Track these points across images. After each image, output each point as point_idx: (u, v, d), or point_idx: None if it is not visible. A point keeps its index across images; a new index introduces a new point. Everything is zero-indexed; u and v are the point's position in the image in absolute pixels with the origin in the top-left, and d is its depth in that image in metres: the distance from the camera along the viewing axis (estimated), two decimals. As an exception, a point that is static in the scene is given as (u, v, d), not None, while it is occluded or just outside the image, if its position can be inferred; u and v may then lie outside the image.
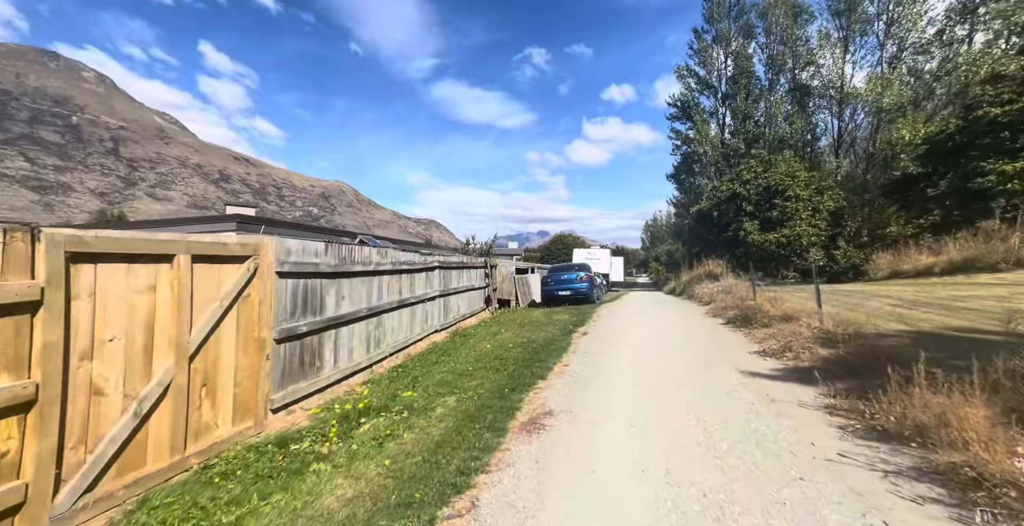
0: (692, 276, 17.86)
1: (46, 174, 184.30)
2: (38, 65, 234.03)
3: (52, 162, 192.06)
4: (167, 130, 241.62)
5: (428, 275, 8.03)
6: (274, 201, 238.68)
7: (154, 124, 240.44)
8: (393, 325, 6.37)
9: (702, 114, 28.01)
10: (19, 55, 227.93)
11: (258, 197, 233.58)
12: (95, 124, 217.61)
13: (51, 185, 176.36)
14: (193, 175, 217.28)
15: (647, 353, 6.09)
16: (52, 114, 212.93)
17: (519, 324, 9.54)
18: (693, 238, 26.55)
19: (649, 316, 10.34)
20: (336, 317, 4.70)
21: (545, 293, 13.73)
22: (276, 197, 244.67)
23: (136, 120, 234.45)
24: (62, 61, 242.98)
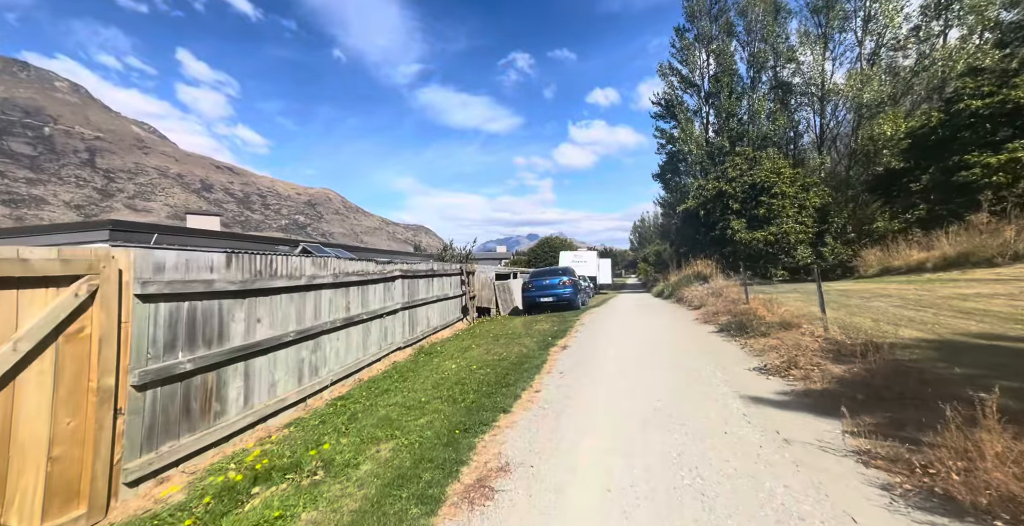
0: (681, 277, 17.21)
1: (17, 187, 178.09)
2: (7, 75, 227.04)
3: (24, 175, 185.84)
4: (146, 140, 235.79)
5: (387, 286, 7.12)
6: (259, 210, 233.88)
7: (132, 134, 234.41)
8: (338, 348, 5.44)
9: (686, 113, 27.62)
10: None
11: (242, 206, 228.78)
12: (69, 135, 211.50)
13: (23, 198, 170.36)
14: (174, 185, 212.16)
15: (631, 373, 5.27)
16: (23, 125, 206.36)
17: (494, 337, 8.65)
18: (681, 238, 26.00)
19: (635, 324, 9.55)
20: (247, 346, 3.78)
21: (526, 300, 12.88)
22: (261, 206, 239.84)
23: (113, 130, 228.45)
24: (32, 71, 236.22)
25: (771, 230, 17.79)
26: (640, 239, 78.63)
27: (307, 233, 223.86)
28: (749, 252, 18.27)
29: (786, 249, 18.11)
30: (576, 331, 8.88)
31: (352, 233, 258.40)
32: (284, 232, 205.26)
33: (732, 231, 18.71)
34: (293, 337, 4.47)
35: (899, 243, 14.49)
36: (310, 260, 4.96)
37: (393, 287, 7.34)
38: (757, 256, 18.28)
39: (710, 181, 21.26)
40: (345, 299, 5.69)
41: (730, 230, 18.89)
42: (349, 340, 5.74)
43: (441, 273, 9.99)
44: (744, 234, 18.05)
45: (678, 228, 29.23)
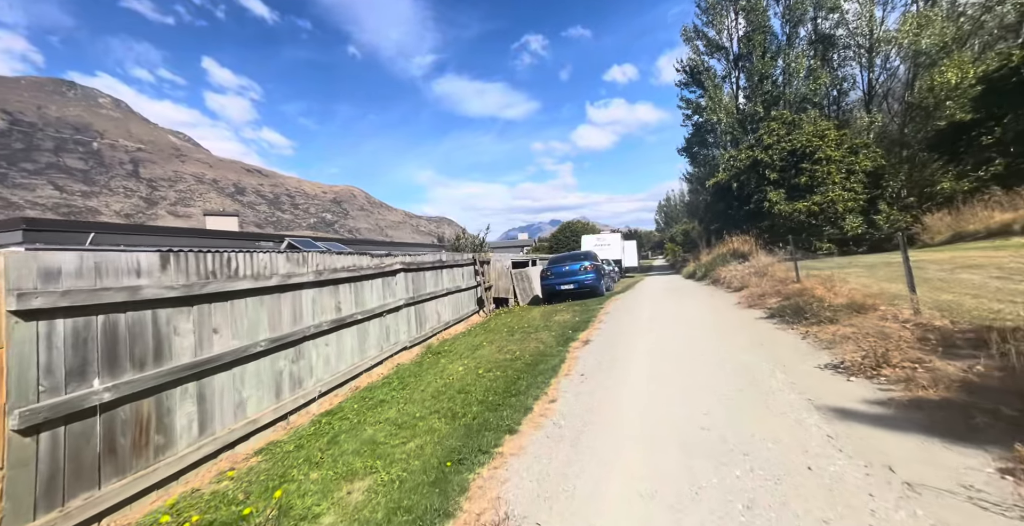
0: (714, 256, 15.79)
1: (74, 200, 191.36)
2: (57, 95, 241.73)
3: (79, 188, 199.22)
4: (181, 148, 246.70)
5: (387, 281, 6.42)
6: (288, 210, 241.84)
7: (169, 143, 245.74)
8: (327, 354, 4.79)
9: (713, 79, 25.41)
10: (39, 87, 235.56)
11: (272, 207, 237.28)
12: (115, 148, 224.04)
13: (80, 210, 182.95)
14: (210, 190, 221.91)
15: (667, 374, 4.35)
16: (74, 142, 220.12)
17: (509, 331, 7.87)
18: (711, 214, 24.26)
19: (667, 311, 8.51)
20: (199, 362, 3.14)
21: (545, 289, 11.99)
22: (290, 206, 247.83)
23: (152, 141, 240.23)
24: (79, 90, 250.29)
25: (814, 200, 16.04)
26: (666, 219, 75.60)
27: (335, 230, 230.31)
28: (789, 225, 16.61)
29: (832, 219, 16.33)
30: (600, 322, 7.95)
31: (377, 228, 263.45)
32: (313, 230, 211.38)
33: (770, 203, 17.05)
34: (265, 347, 3.82)
35: (972, 205, 12.59)
36: (284, 256, 4.28)
37: (394, 282, 6.64)
38: (798, 229, 16.60)
39: (742, 151, 19.46)
40: (334, 299, 5.01)
41: (767, 202, 17.23)
42: (341, 344, 5.08)
43: (451, 264, 9.25)
44: (783, 206, 16.37)
45: (708, 204, 27.41)
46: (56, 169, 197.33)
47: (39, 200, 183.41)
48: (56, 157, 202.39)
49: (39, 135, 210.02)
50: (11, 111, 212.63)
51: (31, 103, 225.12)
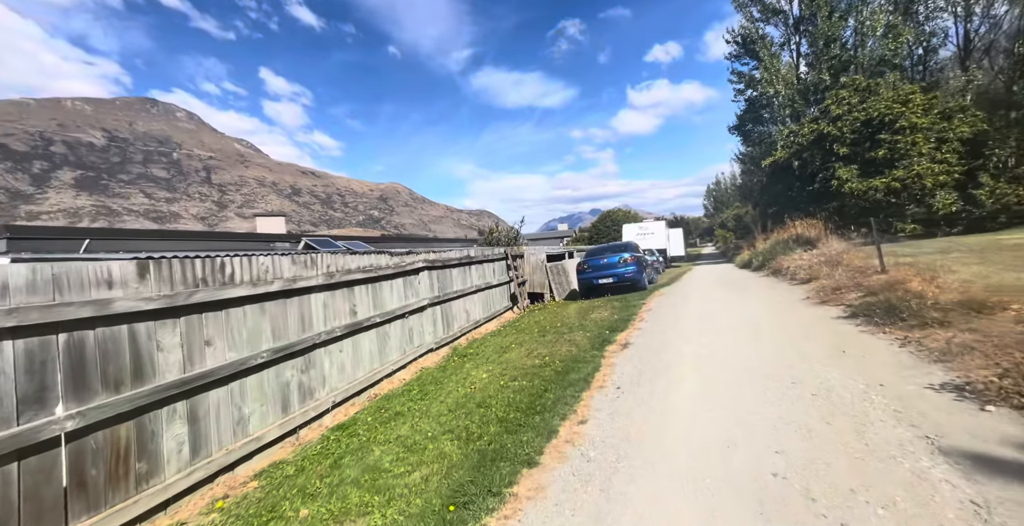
0: (774, 243, 14.13)
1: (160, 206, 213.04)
2: (143, 112, 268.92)
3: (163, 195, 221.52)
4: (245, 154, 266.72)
5: (409, 281, 6.05)
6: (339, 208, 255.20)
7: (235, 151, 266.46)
8: (341, 361, 4.48)
9: (769, 48, 22.84)
10: (129, 106, 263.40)
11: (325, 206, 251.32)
12: (191, 157, 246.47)
13: (165, 215, 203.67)
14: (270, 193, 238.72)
15: (723, 392, 3.59)
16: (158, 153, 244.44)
17: (541, 330, 7.28)
18: (767, 197, 22.07)
19: (720, 308, 7.50)
20: (190, 379, 2.86)
21: (582, 283, 11.23)
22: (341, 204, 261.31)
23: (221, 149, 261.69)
24: (159, 106, 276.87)
25: (895, 175, 13.88)
26: (716, 203, 70.84)
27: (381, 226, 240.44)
28: (863, 205, 14.56)
29: (918, 197, 14.11)
30: (641, 321, 7.15)
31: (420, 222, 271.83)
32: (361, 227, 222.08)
33: (838, 181, 15.03)
34: (268, 357, 3.52)
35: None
36: (289, 259, 3.96)
37: (417, 281, 6.26)
38: (874, 209, 14.50)
39: (805, 125, 17.32)
40: (348, 302, 4.68)
41: (835, 181, 15.21)
42: (358, 350, 4.76)
43: (480, 260, 8.77)
44: (856, 184, 14.33)
45: (763, 186, 25.06)
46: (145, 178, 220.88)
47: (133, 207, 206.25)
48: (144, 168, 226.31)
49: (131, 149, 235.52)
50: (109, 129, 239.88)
51: (124, 120, 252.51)
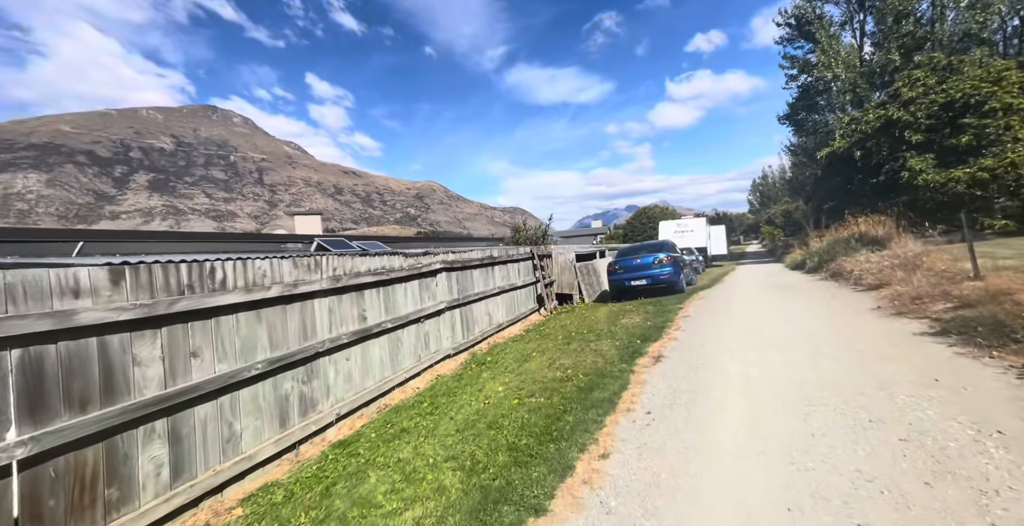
0: (832, 241, 12.67)
1: (219, 205, 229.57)
2: (205, 119, 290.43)
3: (221, 195, 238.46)
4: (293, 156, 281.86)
5: (425, 284, 5.72)
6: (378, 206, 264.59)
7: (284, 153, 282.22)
8: (348, 370, 4.20)
9: (827, 28, 20.81)
10: (193, 114, 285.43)
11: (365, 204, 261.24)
12: (245, 160, 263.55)
13: (223, 214, 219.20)
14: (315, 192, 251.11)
15: (781, 428, 2.93)
16: (218, 157, 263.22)
17: (566, 336, 6.75)
18: (823, 191, 20.19)
19: (772, 317, 6.63)
20: (172, 394, 2.63)
21: (613, 285, 10.52)
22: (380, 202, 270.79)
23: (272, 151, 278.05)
24: (219, 112, 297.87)
25: (983, 164, 12.09)
26: (762, 198, 66.51)
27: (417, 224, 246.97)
28: (940, 199, 12.82)
29: (1012, 189, 12.23)
30: (677, 329, 6.44)
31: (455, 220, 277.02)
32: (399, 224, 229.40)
33: (910, 173, 13.34)
34: (264, 368, 3.27)
35: None
36: (290, 262, 3.70)
37: (434, 284, 5.92)
38: (954, 203, 12.72)
39: (869, 110, 15.55)
40: (356, 307, 4.39)
41: (906, 171, 13.52)
42: (367, 358, 4.47)
43: (504, 260, 8.34)
44: (932, 175, 12.61)
45: (818, 179, 23.07)
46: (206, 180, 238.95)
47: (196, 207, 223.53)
48: (206, 170, 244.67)
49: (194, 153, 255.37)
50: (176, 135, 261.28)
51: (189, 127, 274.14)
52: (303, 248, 6.09)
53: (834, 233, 14.43)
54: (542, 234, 12.58)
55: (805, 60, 22.76)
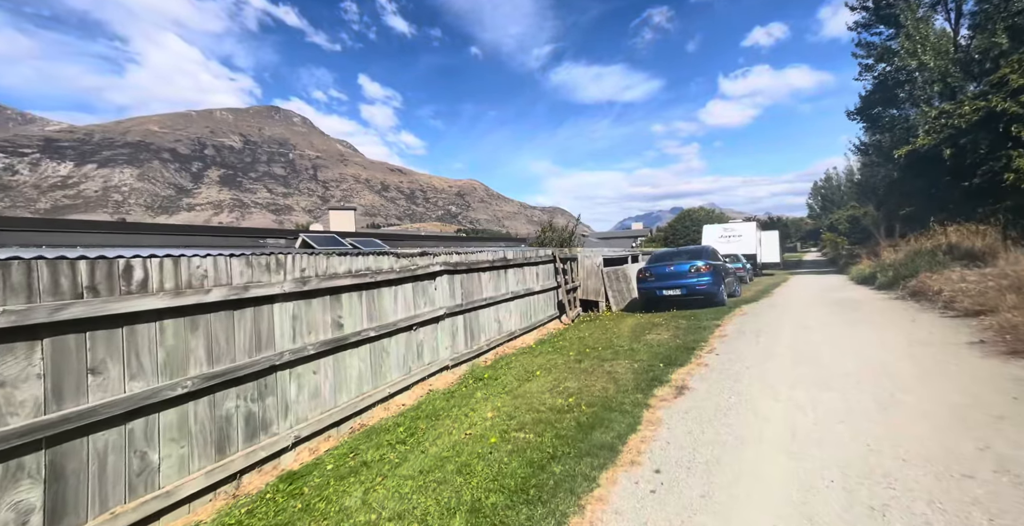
0: (912, 253, 10.74)
1: (277, 200, 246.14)
2: (268, 119, 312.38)
3: (281, 190, 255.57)
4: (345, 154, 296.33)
5: (421, 287, 5.13)
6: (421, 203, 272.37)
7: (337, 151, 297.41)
8: (315, 385, 3.67)
9: (914, 10, 18.20)
10: (258, 114, 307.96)
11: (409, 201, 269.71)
12: (302, 157, 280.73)
13: (281, 208, 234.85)
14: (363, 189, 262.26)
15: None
16: (278, 154, 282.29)
17: (581, 351, 5.91)
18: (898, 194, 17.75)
19: (832, 344, 5.43)
20: (54, 421, 2.09)
21: (643, 293, 9.47)
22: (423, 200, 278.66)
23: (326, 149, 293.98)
24: (281, 113, 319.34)
25: (1120, 165, 9.83)
26: (823, 203, 60.85)
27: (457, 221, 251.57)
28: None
29: None
30: (710, 351, 5.42)
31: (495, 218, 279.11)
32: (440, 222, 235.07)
33: (1016, 175, 11.19)
34: (197, 385, 2.78)
35: None
36: (243, 260, 3.21)
37: (432, 287, 5.32)
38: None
39: (965, 102, 13.27)
40: (329, 313, 3.86)
41: (1011, 173, 11.36)
42: (342, 370, 3.94)
43: (520, 263, 7.62)
44: (1047, 179, 10.43)
45: (894, 181, 20.48)
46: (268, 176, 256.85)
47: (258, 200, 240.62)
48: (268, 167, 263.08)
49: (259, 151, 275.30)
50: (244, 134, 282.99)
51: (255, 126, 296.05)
52: (287, 244, 5.68)
53: (913, 243, 12.42)
54: (569, 235, 11.70)
55: (884, 47, 20.15)
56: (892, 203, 18.97)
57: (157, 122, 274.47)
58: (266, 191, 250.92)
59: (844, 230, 37.18)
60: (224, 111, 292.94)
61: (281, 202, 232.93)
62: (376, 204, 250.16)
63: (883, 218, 24.25)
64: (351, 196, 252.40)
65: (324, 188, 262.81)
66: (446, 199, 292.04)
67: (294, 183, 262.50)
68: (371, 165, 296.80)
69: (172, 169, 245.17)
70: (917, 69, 18.08)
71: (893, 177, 18.96)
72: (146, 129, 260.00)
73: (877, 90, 21.43)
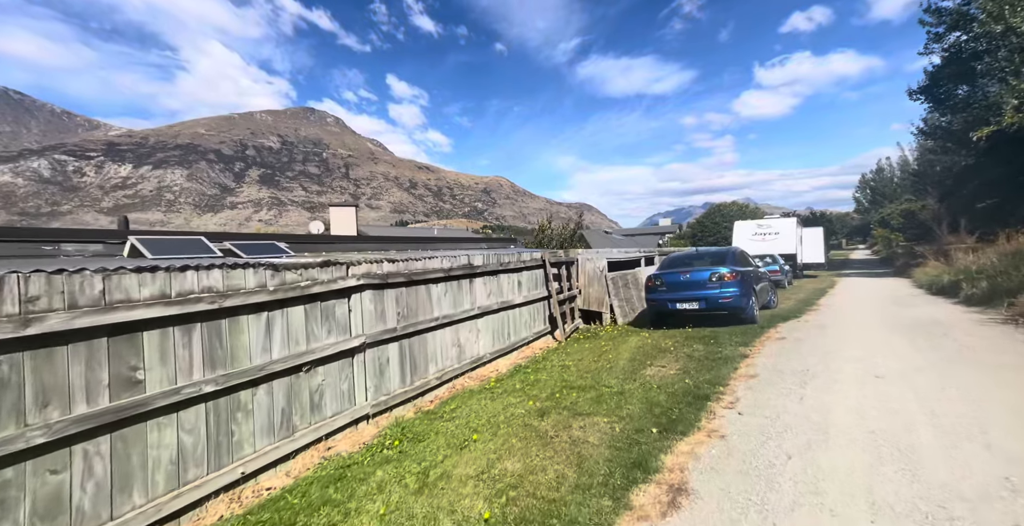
0: (1011, 257, 8.37)
1: (312, 197, 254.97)
2: (304, 120, 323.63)
3: (315, 188, 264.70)
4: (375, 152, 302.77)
5: (322, 310, 3.69)
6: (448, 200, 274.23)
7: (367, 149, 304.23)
8: (54, 491, 2.32)
9: (999, -38, 15.06)
10: (294, 115, 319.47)
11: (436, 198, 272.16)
12: (335, 156, 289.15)
13: (315, 205, 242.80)
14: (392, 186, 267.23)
15: None
16: (313, 154, 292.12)
17: (556, 392, 4.30)
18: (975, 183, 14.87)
19: (926, 409, 3.58)
20: None
21: (652, 305, 7.66)
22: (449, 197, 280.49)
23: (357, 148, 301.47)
24: (315, 114, 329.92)
25: None
26: (873, 196, 55.29)
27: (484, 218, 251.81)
28: None
29: None
30: (731, 406, 3.68)
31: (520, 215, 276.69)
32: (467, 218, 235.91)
33: None
34: None
35: None
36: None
37: (344, 308, 3.87)
38: None
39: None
40: (105, 365, 2.47)
41: None
42: (135, 456, 2.56)
43: (494, 270, 6.04)
44: None
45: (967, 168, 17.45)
46: (304, 175, 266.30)
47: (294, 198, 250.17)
48: (303, 166, 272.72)
49: (295, 150, 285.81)
50: (282, 134, 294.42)
51: (291, 127, 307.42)
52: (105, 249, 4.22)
53: (1005, 244, 9.89)
54: (570, 234, 9.99)
55: (960, 12, 16.95)
56: (965, 194, 15.97)
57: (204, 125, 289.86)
58: (301, 189, 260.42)
59: (897, 225, 33.18)
60: (263, 113, 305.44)
61: (315, 200, 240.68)
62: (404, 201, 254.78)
63: (946, 212, 20.92)
64: (380, 193, 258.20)
65: (355, 186, 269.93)
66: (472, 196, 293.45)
67: (327, 181, 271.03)
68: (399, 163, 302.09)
69: (217, 169, 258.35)
70: (1003, 34, 14.95)
71: (970, 164, 15.92)
72: (194, 132, 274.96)
73: (949, 64, 18.21)
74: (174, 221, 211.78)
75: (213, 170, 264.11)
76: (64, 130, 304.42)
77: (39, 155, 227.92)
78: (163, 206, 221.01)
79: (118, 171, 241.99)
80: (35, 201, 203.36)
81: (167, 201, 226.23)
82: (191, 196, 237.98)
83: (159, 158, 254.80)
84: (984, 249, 10.95)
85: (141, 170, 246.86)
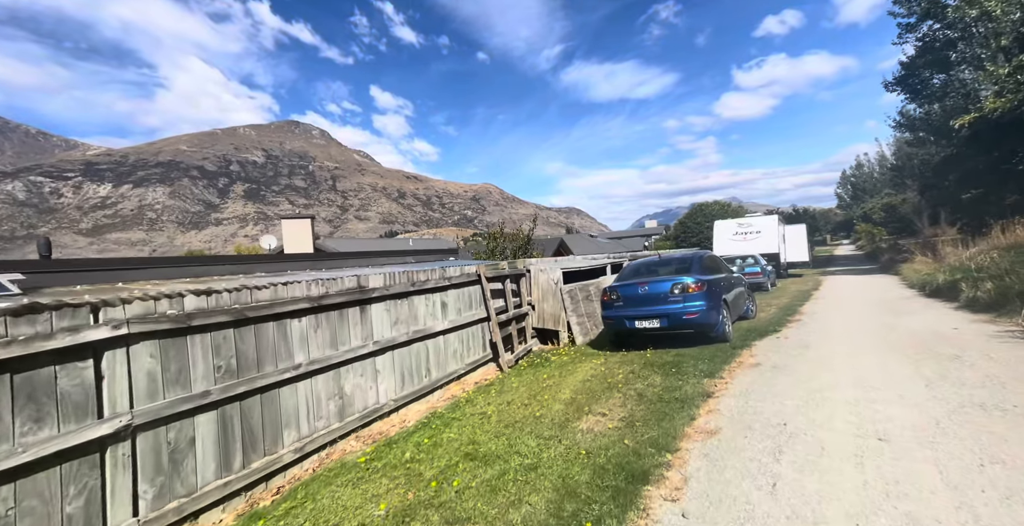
0: (1011, 248, 7.36)
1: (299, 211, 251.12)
2: (289, 133, 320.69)
3: (302, 202, 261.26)
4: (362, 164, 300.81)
5: (40, 381, 2.38)
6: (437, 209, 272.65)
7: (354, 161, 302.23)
8: None
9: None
10: (278, 129, 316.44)
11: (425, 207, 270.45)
12: (322, 169, 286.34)
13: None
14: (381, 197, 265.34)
15: None
16: (299, 167, 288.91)
17: (458, 460, 3.02)
18: (957, 174, 14.10)
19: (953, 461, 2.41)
20: None
21: (609, 324, 6.41)
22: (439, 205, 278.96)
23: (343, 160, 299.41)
24: (300, 127, 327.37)
25: None
26: (854, 192, 55.36)
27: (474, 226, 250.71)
28: None
29: None
30: (680, 479, 2.45)
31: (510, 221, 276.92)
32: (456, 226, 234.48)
33: None
34: None
35: None
36: None
37: (70, 380, 2.57)
38: None
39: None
40: None
41: None
42: None
43: (403, 292, 4.76)
44: None
45: (948, 158, 16.73)
46: (290, 189, 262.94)
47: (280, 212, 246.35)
48: (289, 179, 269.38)
49: (280, 164, 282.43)
50: (266, 149, 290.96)
51: (276, 141, 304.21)
52: None
53: (1002, 236, 8.92)
54: (524, 242, 8.77)
55: (932, 1, 16.38)
56: (946, 185, 15.17)
57: (186, 142, 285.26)
58: (288, 203, 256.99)
59: (879, 220, 32.72)
60: (247, 128, 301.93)
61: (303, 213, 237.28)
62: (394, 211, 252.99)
63: (927, 204, 20.27)
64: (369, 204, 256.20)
65: (343, 198, 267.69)
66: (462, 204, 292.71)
67: (314, 194, 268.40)
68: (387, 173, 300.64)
69: (200, 186, 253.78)
70: (977, 20, 14.30)
71: (951, 154, 15.13)
72: (176, 149, 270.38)
73: (923, 53, 17.64)
74: (157, 239, 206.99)
75: (196, 186, 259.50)
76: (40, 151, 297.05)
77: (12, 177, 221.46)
78: (145, 225, 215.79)
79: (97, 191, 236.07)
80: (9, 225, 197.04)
81: (149, 220, 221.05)
82: (174, 213, 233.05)
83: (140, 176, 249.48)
84: (975, 242, 9.96)
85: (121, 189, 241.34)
